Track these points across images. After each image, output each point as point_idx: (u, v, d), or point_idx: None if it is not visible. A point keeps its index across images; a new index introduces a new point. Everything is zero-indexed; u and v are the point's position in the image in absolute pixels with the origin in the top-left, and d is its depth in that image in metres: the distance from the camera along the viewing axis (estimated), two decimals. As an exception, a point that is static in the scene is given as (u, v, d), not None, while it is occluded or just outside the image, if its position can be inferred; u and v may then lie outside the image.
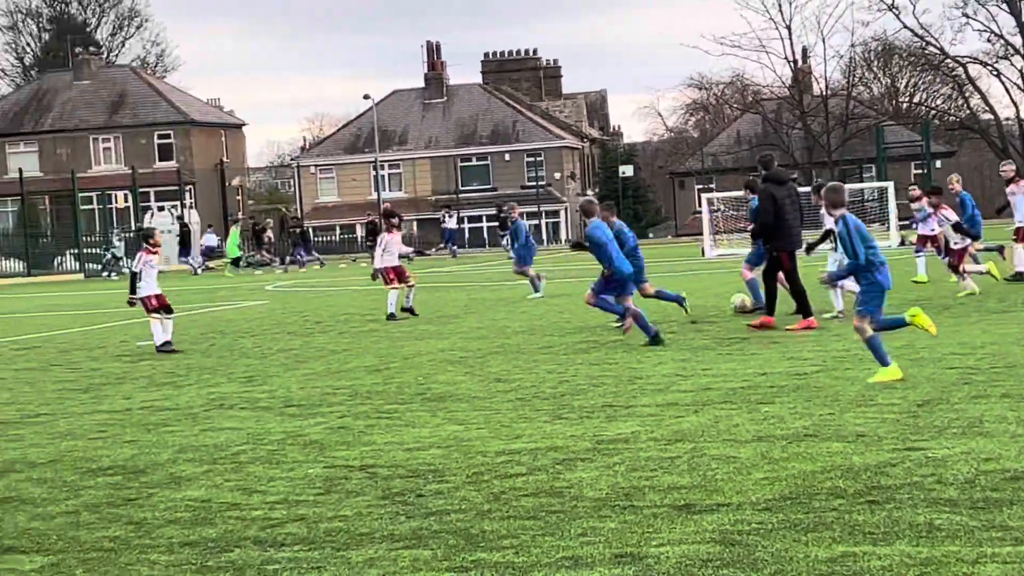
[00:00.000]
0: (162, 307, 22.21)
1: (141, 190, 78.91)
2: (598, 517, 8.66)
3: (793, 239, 20.37)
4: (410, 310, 26.16)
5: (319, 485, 10.20)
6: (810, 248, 20.76)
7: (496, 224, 73.00)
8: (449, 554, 7.99)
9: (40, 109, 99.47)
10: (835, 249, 20.45)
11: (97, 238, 74.63)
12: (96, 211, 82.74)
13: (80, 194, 72.47)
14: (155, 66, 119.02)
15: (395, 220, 27.45)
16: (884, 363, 13.94)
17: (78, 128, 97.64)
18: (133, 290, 22.37)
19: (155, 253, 22.61)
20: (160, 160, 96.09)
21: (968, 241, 25.32)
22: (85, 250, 69.45)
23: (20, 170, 75.16)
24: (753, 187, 24.07)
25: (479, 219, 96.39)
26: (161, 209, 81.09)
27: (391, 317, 25.49)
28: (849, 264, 14.06)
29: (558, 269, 48.36)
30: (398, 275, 26.26)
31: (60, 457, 12.08)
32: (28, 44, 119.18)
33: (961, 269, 24.63)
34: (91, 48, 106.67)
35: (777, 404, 12.84)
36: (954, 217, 25.75)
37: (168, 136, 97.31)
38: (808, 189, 27.04)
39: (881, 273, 13.85)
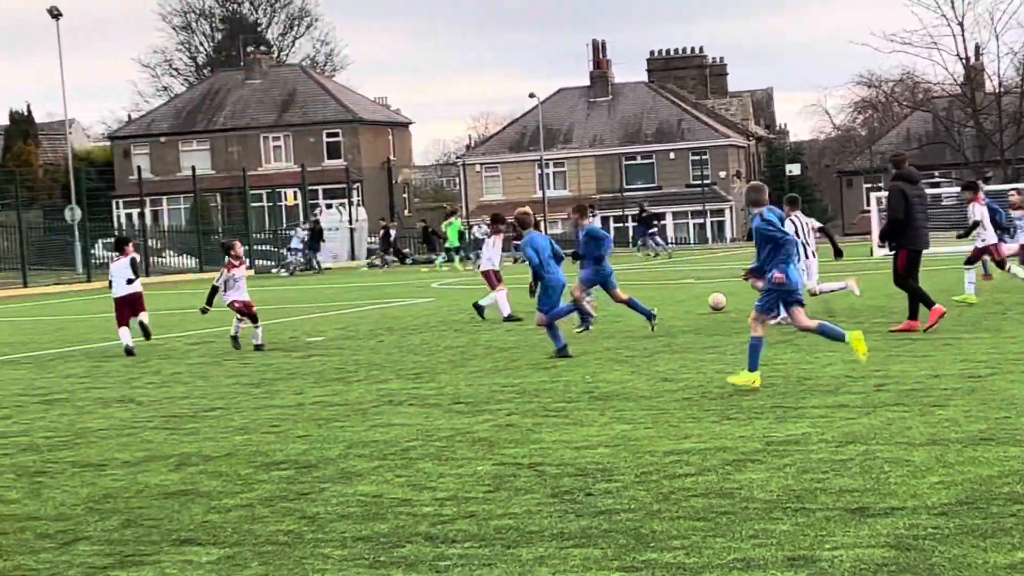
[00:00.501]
0: (248, 315, 22.65)
1: (310, 188, 79.95)
2: (769, 519, 8.58)
3: (919, 239, 20.16)
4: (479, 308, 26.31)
5: (488, 482, 10.25)
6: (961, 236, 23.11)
7: (635, 224, 72.63)
8: (619, 553, 7.97)
9: (212, 108, 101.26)
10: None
11: (267, 235, 75.86)
12: (266, 209, 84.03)
13: (250, 192, 73.64)
14: (324, 65, 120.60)
15: (500, 226, 27.38)
16: (752, 368, 14.51)
17: (249, 127, 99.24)
18: (209, 302, 23.14)
19: (236, 266, 22.84)
20: (328, 158, 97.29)
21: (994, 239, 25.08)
22: (255, 247, 70.57)
23: (193, 168, 76.62)
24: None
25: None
26: (329, 207, 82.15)
27: (509, 318, 25.50)
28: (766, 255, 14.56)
29: (724, 268, 48.12)
30: (499, 278, 26.38)
31: (234, 451, 12.28)
32: (201, 44, 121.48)
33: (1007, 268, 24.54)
34: (262, 48, 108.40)
35: (951, 407, 12.62)
36: (979, 214, 25.13)
37: (336, 135, 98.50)
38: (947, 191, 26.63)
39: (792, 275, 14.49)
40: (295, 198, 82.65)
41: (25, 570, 8.28)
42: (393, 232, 73.59)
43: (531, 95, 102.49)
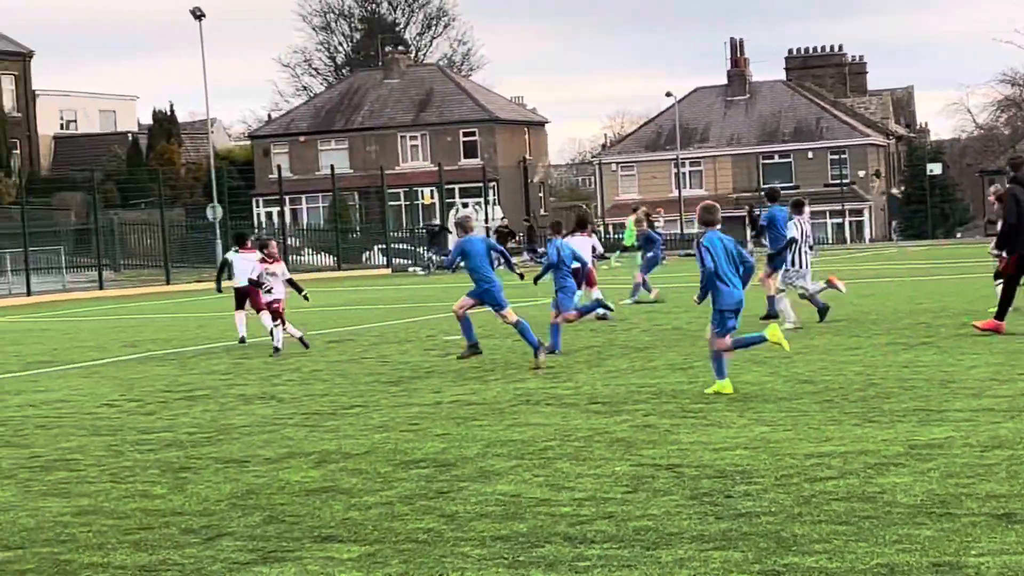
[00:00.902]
0: (271, 313, 23.00)
1: (446, 186, 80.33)
2: (913, 524, 8.46)
3: None
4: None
5: (626, 483, 10.21)
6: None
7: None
8: (760, 557, 7.91)
9: (351, 107, 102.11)
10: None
11: (404, 234, 76.39)
12: (403, 207, 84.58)
13: (388, 190, 74.16)
14: (461, 65, 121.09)
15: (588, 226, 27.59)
16: (720, 376, 15.02)
17: (387, 126, 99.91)
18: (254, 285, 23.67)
19: (268, 263, 23.27)
20: (465, 157, 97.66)
21: None
22: (392, 245, 71.10)
23: (332, 167, 77.27)
24: (773, 196, 23.60)
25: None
26: (466, 206, 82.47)
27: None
28: (703, 275, 14.86)
29: (864, 269, 47.58)
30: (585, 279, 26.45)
31: (374, 449, 12.36)
32: (340, 44, 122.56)
33: None
34: (400, 47, 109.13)
35: (1100, 412, 12.36)
36: None
37: (473, 134, 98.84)
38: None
39: (722, 293, 14.79)
40: (432, 197, 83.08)
41: (170, 564, 8.41)
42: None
43: (668, 94, 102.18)
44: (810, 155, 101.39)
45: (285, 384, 18.13)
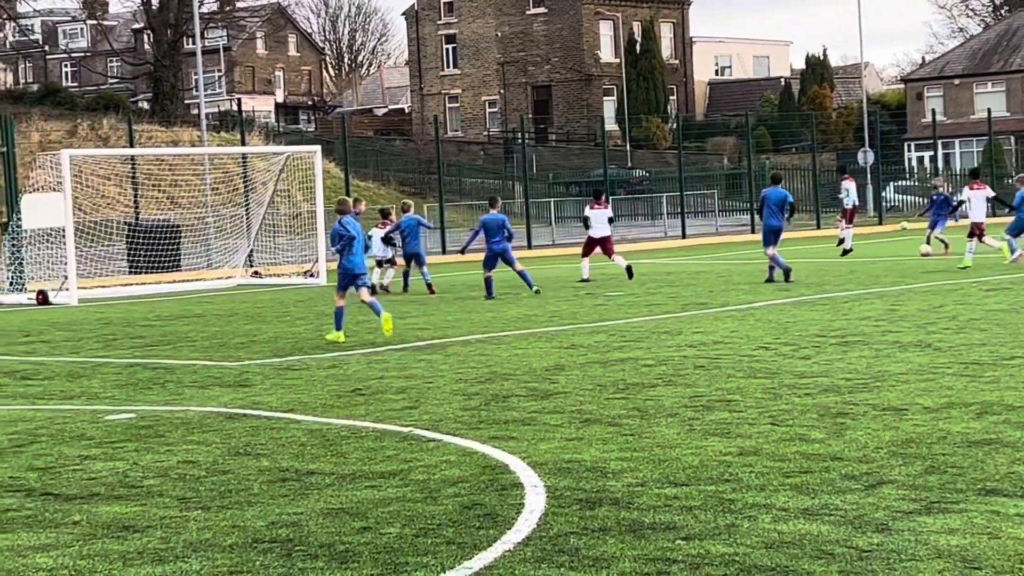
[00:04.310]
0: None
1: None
2: None
3: None
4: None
5: None
6: None
7: None
8: None
9: (1009, 48, 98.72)
10: None
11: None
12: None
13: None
14: None
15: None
16: (337, 327, 19.86)
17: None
18: (393, 248, 30.94)
19: (378, 227, 30.66)
20: None
21: None
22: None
23: (988, 110, 75.12)
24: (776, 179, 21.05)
25: None
26: None
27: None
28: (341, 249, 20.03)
29: None
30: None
31: (1039, 402, 11.94)
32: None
33: None
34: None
35: None
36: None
37: None
38: None
39: (347, 261, 19.85)
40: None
41: (831, 509, 8.43)
42: None
43: None
44: None
45: (941, 332, 17.79)
